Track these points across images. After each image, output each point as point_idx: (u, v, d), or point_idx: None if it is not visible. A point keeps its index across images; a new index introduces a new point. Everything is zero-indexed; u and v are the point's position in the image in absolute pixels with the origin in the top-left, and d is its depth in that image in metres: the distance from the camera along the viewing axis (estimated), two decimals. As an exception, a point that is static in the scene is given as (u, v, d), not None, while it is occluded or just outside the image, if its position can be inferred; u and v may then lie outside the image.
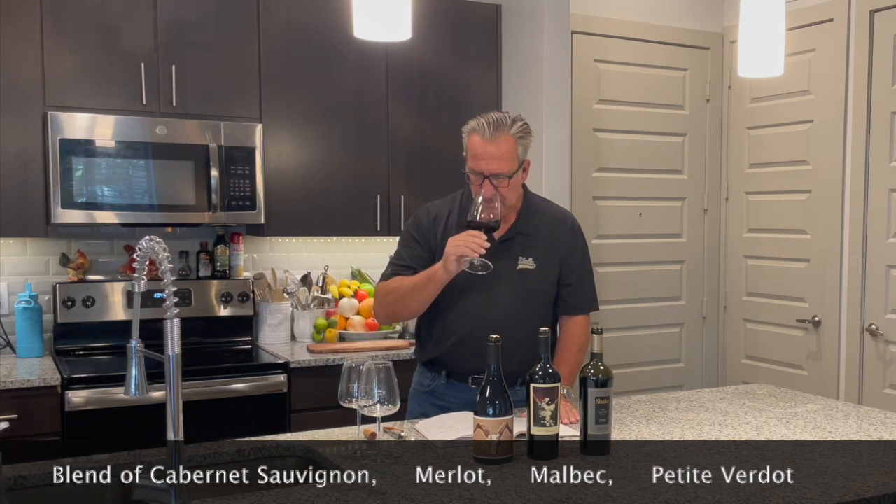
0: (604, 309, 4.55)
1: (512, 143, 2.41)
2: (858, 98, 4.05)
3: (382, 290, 2.57)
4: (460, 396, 2.51)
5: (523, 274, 2.53)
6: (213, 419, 3.32)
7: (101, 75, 3.47)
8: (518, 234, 2.55)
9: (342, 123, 3.90)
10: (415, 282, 2.47)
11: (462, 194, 2.61)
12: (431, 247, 2.55)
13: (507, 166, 2.41)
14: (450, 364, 2.57)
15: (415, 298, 2.48)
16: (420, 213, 2.65)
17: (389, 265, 2.61)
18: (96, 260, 3.79)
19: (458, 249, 2.32)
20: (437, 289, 2.44)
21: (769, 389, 2.90)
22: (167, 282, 1.75)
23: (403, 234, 2.67)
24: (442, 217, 2.58)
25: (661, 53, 4.64)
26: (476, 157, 2.42)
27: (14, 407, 3.03)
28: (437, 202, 2.66)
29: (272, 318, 3.96)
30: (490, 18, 4.18)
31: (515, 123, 2.43)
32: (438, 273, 2.40)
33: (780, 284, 4.50)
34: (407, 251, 2.58)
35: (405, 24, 2.17)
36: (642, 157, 4.65)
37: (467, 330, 2.50)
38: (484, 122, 2.41)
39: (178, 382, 1.72)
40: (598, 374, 2.06)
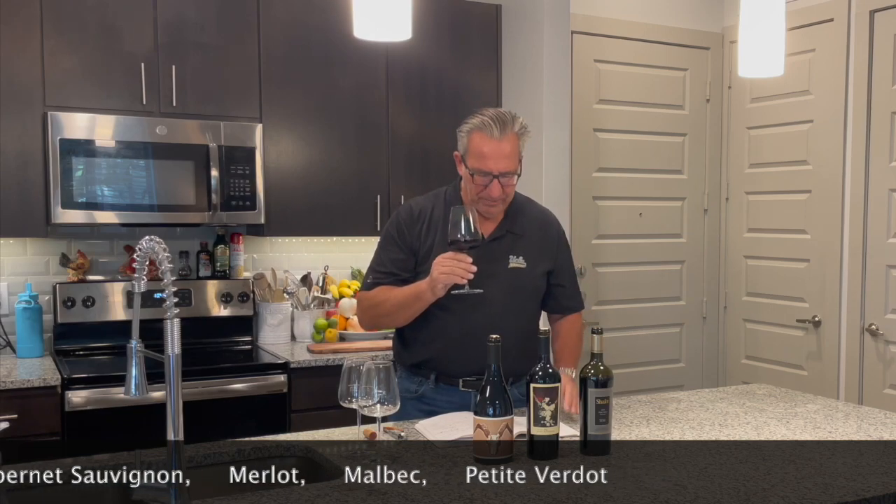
0: (604, 309, 4.58)
1: (516, 140, 2.40)
2: (858, 98, 4.05)
3: (367, 302, 2.52)
4: (451, 400, 2.46)
5: (514, 273, 2.50)
6: (213, 419, 3.32)
7: (101, 75, 3.47)
8: (507, 233, 2.51)
9: (342, 123, 3.90)
10: (400, 300, 2.42)
11: (446, 191, 2.57)
12: (413, 247, 2.49)
13: (514, 164, 2.39)
14: (439, 366, 2.50)
15: (401, 315, 2.45)
16: (400, 211, 2.58)
17: (370, 272, 2.54)
18: (96, 260, 3.79)
19: (446, 277, 2.27)
20: (422, 308, 2.41)
21: (769, 389, 2.90)
22: (167, 282, 1.75)
23: (383, 235, 2.58)
24: (425, 213, 2.52)
25: (661, 53, 4.64)
26: (483, 157, 2.37)
27: (14, 407, 3.03)
28: (418, 199, 2.60)
29: (272, 318, 3.96)
30: (490, 18, 4.18)
31: (517, 120, 2.41)
32: (426, 294, 2.35)
33: (780, 284, 4.50)
34: (387, 255, 2.52)
35: (405, 24, 2.17)
36: (642, 158, 4.65)
37: (458, 331, 2.45)
38: (489, 120, 2.36)
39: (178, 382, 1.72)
40: (598, 374, 2.06)
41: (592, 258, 4.55)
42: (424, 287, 2.35)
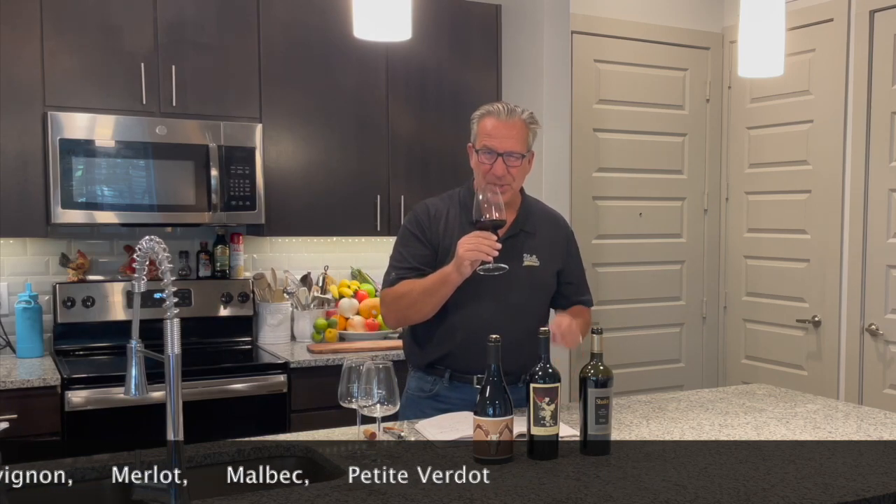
0: (604, 309, 4.58)
1: (524, 127, 2.48)
2: (858, 98, 4.05)
3: (391, 296, 2.53)
4: (465, 398, 2.46)
5: (529, 271, 2.53)
6: (213, 419, 3.32)
7: (101, 75, 3.47)
8: (521, 232, 2.55)
9: (342, 123, 3.90)
10: (426, 286, 2.44)
11: (459, 192, 2.60)
12: (433, 244, 2.52)
13: (519, 146, 2.46)
14: (454, 365, 2.53)
15: (428, 302, 2.45)
16: (418, 209, 2.61)
17: (392, 269, 2.56)
18: (96, 260, 3.79)
19: (472, 254, 2.30)
20: (449, 292, 2.42)
21: (769, 389, 2.90)
22: (167, 282, 1.75)
23: (402, 233, 2.60)
24: (441, 214, 2.56)
25: (661, 53, 4.64)
26: (490, 136, 2.45)
27: (14, 407, 3.03)
28: (433, 200, 2.63)
29: (272, 318, 3.96)
30: (490, 18, 4.18)
31: (526, 111, 2.51)
32: (452, 276, 2.37)
33: (780, 284, 4.50)
34: (408, 251, 2.54)
35: (405, 24, 2.17)
36: (642, 157, 4.65)
37: (474, 328, 2.46)
38: (499, 106, 2.48)
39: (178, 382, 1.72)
40: (598, 374, 2.06)
41: (592, 258, 4.54)
42: (450, 269, 2.37)
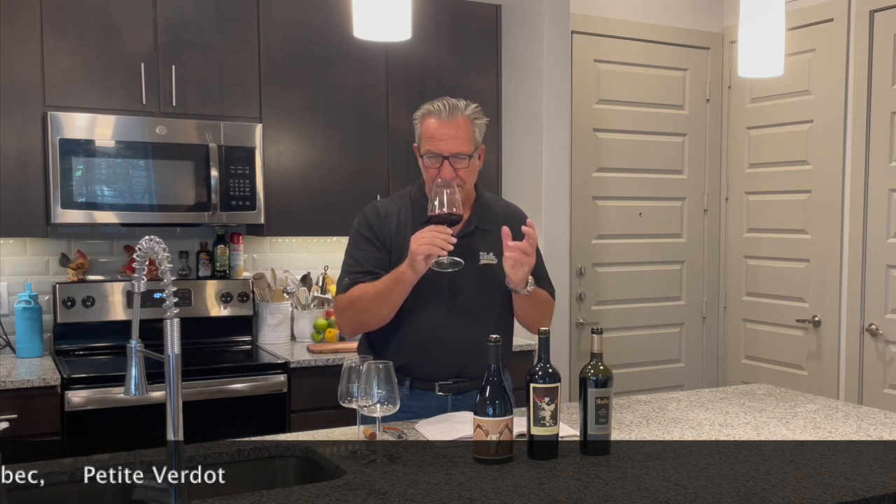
0: (604, 309, 4.58)
1: (469, 123, 2.39)
2: (858, 98, 4.05)
3: (345, 302, 2.41)
4: (427, 406, 2.41)
5: (486, 269, 2.43)
6: (213, 419, 3.32)
7: (101, 75, 3.47)
8: (476, 229, 2.46)
9: (342, 123, 3.90)
10: (380, 288, 2.33)
11: (410, 191, 2.52)
12: (386, 245, 2.43)
13: (465, 146, 2.36)
14: (415, 371, 2.43)
15: (383, 305, 2.34)
16: (367, 211, 2.51)
17: (345, 274, 2.44)
18: (96, 260, 3.79)
19: (426, 248, 2.20)
20: (405, 292, 2.32)
21: (769, 389, 2.90)
22: (167, 282, 1.75)
23: (352, 236, 2.49)
24: (392, 214, 2.46)
25: (661, 53, 4.64)
26: (433, 139, 2.36)
27: (14, 407, 3.03)
28: (383, 200, 2.56)
29: (272, 318, 3.96)
30: (490, 18, 4.18)
31: (469, 105, 2.41)
32: (406, 275, 2.27)
33: (780, 284, 4.50)
34: (361, 254, 2.44)
35: (405, 23, 2.16)
36: (642, 157, 4.65)
37: (433, 332, 2.39)
38: (439, 105, 2.38)
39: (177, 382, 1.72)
40: (598, 374, 2.06)
41: (592, 258, 4.55)
42: (404, 267, 2.28)
